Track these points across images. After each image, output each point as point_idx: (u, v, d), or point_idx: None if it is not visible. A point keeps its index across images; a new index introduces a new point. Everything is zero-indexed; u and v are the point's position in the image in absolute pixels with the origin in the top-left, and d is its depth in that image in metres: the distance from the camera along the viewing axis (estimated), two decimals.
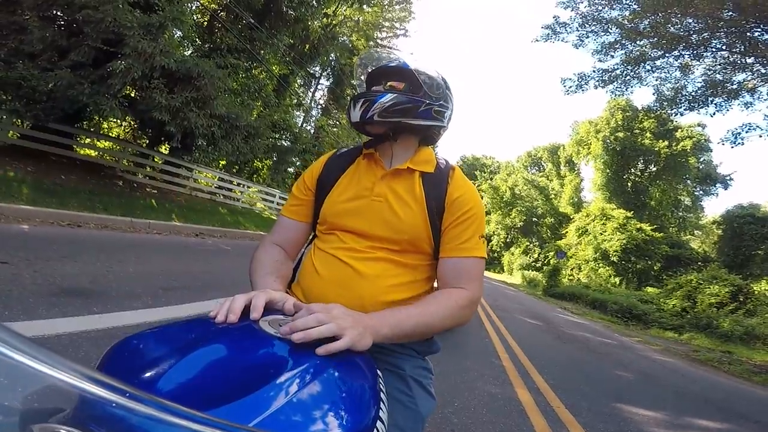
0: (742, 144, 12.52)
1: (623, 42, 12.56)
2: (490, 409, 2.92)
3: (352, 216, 0.90)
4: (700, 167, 30.23)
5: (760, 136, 12.11)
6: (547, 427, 2.82)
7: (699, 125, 29.69)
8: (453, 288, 0.84)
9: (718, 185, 30.66)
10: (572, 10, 12.68)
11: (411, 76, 0.93)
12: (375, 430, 0.48)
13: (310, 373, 0.49)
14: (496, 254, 45.21)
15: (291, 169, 18.27)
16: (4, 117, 7.12)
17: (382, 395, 0.55)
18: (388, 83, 0.94)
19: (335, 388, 0.50)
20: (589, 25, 12.65)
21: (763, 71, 11.09)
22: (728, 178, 30.23)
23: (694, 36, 11.44)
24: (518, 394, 3.41)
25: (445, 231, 0.89)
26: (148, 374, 0.45)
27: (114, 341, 0.53)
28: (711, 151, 30.23)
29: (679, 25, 11.49)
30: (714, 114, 12.44)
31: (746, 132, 12.17)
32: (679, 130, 29.51)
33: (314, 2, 12.81)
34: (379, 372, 0.62)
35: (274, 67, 13.82)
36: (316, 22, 14.51)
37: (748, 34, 10.60)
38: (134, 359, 0.49)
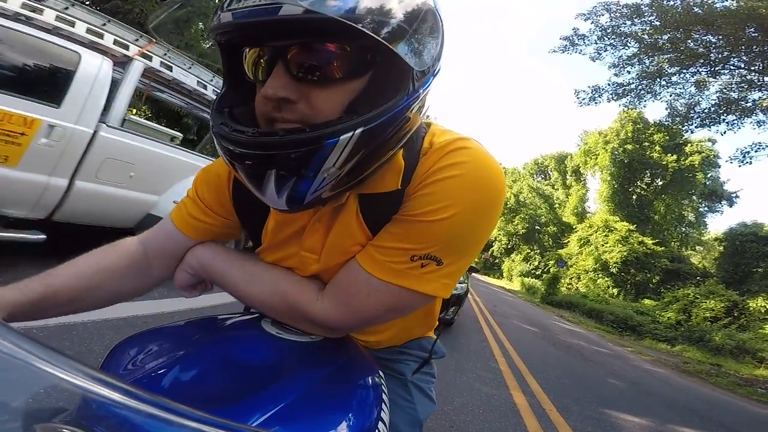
0: (750, 163, 12.64)
1: (641, 56, 12.64)
2: (486, 409, 3.16)
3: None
4: (707, 183, 30.17)
5: None
6: (539, 428, 3.05)
7: (709, 140, 29.59)
8: (317, 289, 0.56)
9: (723, 202, 30.62)
10: (592, 23, 12.79)
11: (353, 33, 0.37)
12: (377, 430, 0.48)
13: (312, 373, 0.50)
14: (496, 260, 45.46)
15: None
16: None
17: (384, 396, 0.55)
18: (299, 58, 0.42)
19: (337, 388, 0.51)
20: (608, 38, 12.75)
21: None
22: (734, 195, 30.20)
23: (714, 53, 11.52)
24: (513, 396, 3.64)
25: None
26: (151, 373, 0.46)
27: (134, 330, 0.57)
28: (719, 167, 30.17)
29: (700, 42, 11.55)
30: (725, 132, 12.65)
31: (755, 152, 12.30)
32: (689, 145, 29.45)
33: None
34: (381, 373, 0.61)
35: None
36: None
37: None
38: (137, 358, 0.50)
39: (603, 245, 25.45)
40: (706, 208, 31.93)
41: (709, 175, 30.21)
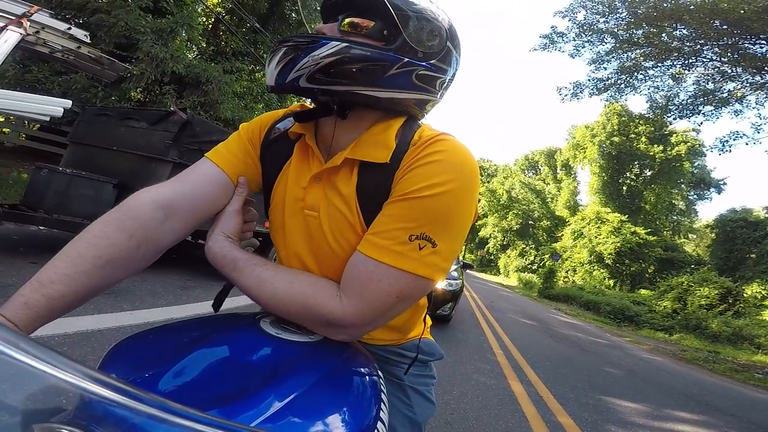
0: (730, 151, 12.94)
1: (618, 51, 12.90)
2: (485, 398, 3.20)
3: (288, 240, 0.68)
4: (695, 172, 30.67)
5: (747, 144, 12.57)
6: (537, 415, 3.09)
7: (694, 130, 30.07)
8: (335, 287, 0.59)
9: (712, 190, 31.13)
10: (570, 20, 13.00)
11: (384, 11, 0.59)
12: (376, 430, 0.49)
13: (311, 373, 0.50)
14: (492, 257, 45.74)
15: None
16: (13, 120, 7.32)
17: (382, 396, 0.55)
18: (347, 20, 0.63)
19: (336, 388, 0.51)
20: (586, 35, 12.99)
21: (752, 80, 11.48)
22: (722, 182, 30.72)
23: (687, 46, 11.83)
24: (511, 386, 3.68)
25: None
26: (149, 373, 0.46)
27: None
28: (705, 156, 30.68)
29: (672, 36, 11.86)
30: (701, 123, 12.89)
31: (734, 140, 12.59)
32: (674, 135, 29.93)
33: (317, 5, 13.09)
34: (380, 373, 0.61)
35: None
36: (318, 25, 14.79)
37: (738, 44, 10.99)
38: (136, 358, 0.50)
39: (596, 237, 25.71)
40: (695, 196, 32.45)
41: (696, 164, 30.71)
